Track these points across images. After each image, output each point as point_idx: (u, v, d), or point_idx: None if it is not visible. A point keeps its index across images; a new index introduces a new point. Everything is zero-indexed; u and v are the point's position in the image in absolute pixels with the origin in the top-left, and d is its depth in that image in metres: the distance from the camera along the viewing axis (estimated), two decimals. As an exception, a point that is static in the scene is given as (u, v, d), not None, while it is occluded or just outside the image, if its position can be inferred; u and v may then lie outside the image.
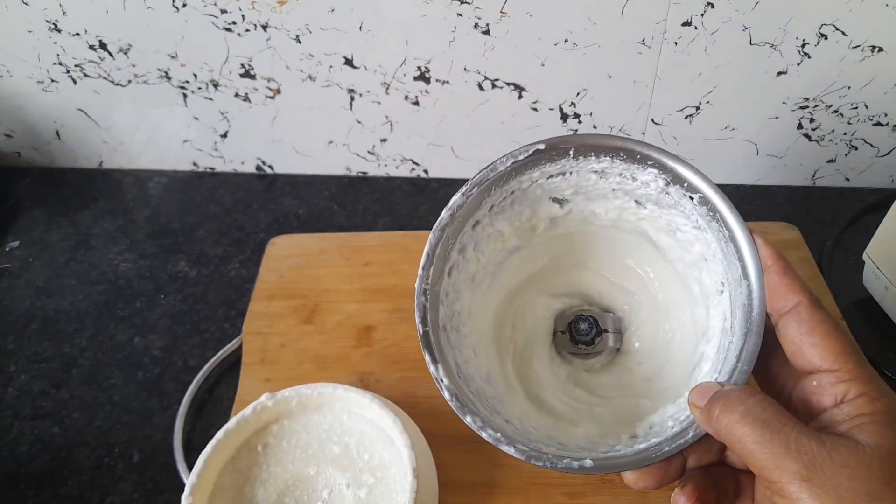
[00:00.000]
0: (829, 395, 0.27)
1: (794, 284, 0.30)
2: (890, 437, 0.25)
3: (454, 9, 0.55)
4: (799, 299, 0.29)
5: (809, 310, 0.29)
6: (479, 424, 0.32)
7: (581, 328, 0.41)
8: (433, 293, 0.35)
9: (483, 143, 0.65)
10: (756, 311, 0.30)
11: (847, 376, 0.27)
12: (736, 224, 0.32)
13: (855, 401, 0.27)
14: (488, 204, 0.38)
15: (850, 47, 0.54)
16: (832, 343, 0.28)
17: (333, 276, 0.58)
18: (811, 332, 0.28)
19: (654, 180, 0.35)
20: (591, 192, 0.39)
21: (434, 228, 0.36)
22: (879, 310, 0.54)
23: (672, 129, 0.62)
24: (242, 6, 0.56)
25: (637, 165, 0.36)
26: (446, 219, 0.36)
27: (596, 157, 0.36)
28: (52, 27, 0.60)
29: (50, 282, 0.61)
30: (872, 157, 0.63)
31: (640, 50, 0.56)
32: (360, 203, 0.67)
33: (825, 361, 0.28)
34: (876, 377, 0.27)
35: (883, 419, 0.26)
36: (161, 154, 0.70)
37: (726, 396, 0.28)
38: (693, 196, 0.34)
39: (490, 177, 0.36)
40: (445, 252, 0.36)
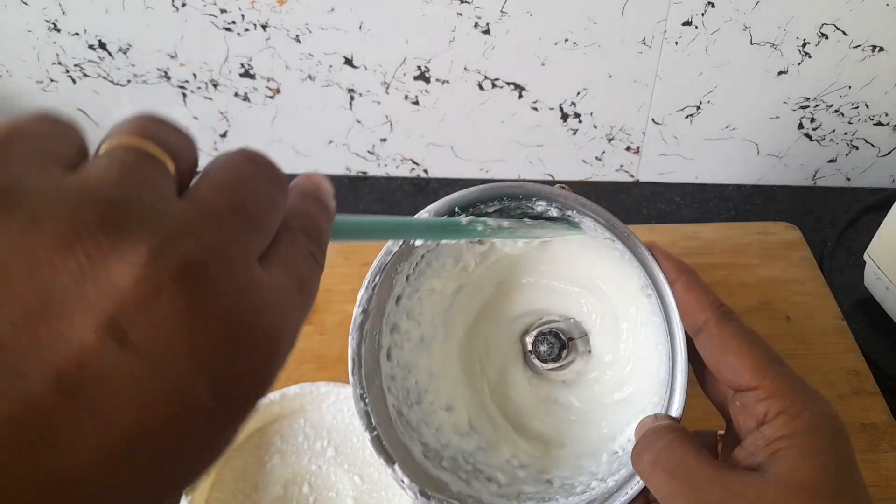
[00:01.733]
0: (752, 415, 0.26)
1: (700, 299, 0.28)
2: (801, 466, 0.24)
3: (454, 8, 0.55)
4: (706, 316, 0.27)
5: (718, 326, 0.27)
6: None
7: (541, 351, 0.40)
8: (372, 392, 0.35)
9: (483, 142, 0.65)
10: (676, 330, 0.29)
11: (766, 392, 0.26)
12: (633, 241, 0.31)
13: (774, 421, 0.25)
14: (402, 277, 0.37)
15: (851, 47, 0.54)
16: (746, 358, 0.26)
17: (333, 276, 0.58)
18: (723, 350, 0.27)
19: (549, 208, 0.35)
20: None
21: (351, 331, 0.35)
22: (880, 310, 0.54)
23: (672, 129, 0.62)
24: (242, 6, 0.56)
25: (526, 201, 0.35)
26: (360, 317, 0.35)
27: (485, 205, 0.35)
28: (51, 27, 0.59)
29: (49, 282, 0.61)
30: (873, 156, 0.63)
31: (641, 49, 0.56)
32: (360, 203, 0.67)
33: (742, 378, 0.26)
34: (801, 388, 0.26)
35: (800, 442, 0.24)
36: (161, 154, 0.70)
37: (645, 442, 0.27)
38: (589, 216, 0.34)
39: (388, 260, 0.36)
40: (374, 345, 0.36)
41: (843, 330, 0.51)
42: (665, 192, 0.66)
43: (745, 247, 0.57)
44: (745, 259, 0.56)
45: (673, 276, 0.29)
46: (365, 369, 0.35)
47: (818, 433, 0.24)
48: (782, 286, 0.54)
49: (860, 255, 0.54)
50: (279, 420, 0.45)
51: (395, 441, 0.35)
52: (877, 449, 0.45)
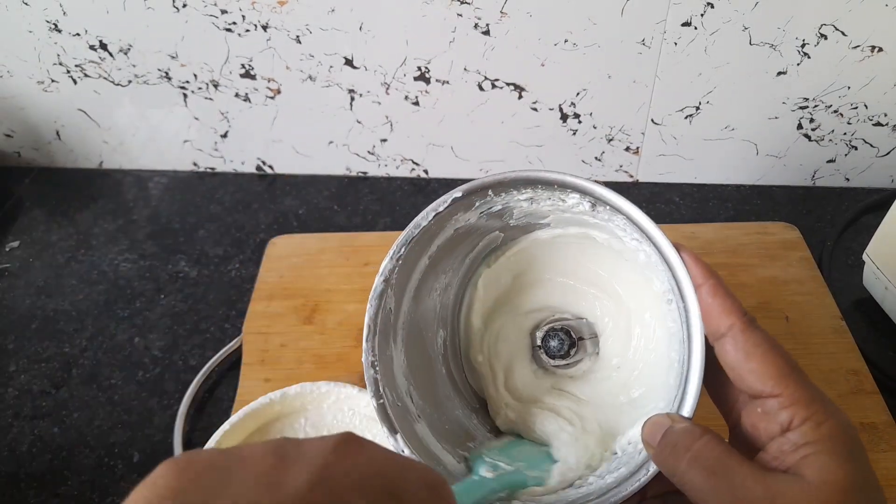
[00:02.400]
0: (775, 422, 0.26)
1: (726, 305, 0.28)
2: (836, 470, 0.24)
3: (454, 9, 0.55)
4: (732, 322, 0.28)
5: (744, 333, 0.27)
6: None
7: (551, 346, 0.40)
8: (384, 362, 0.35)
9: (483, 143, 0.65)
10: (696, 331, 0.29)
11: (790, 400, 0.26)
12: (664, 243, 0.31)
13: (801, 428, 0.26)
14: (426, 257, 0.38)
15: (850, 47, 0.54)
16: (771, 367, 0.27)
17: (333, 276, 0.58)
18: (748, 357, 0.27)
19: (580, 202, 0.35)
20: (533, 213, 0.39)
21: (370, 298, 0.36)
22: (879, 310, 0.54)
23: (672, 129, 0.62)
24: (242, 6, 0.56)
25: (559, 191, 0.35)
26: (381, 286, 0.36)
27: (517, 191, 0.36)
28: (52, 27, 0.60)
29: (50, 282, 0.61)
30: (872, 157, 0.63)
31: (640, 50, 0.56)
32: (361, 203, 0.67)
33: (766, 386, 0.27)
34: (821, 397, 0.26)
35: (829, 447, 0.25)
36: (161, 154, 0.70)
37: (675, 440, 0.27)
38: (617, 216, 0.34)
39: (415, 234, 0.36)
40: (389, 317, 0.36)
41: (843, 330, 0.51)
42: (664, 192, 0.66)
43: (745, 247, 0.57)
44: (745, 259, 0.56)
45: (700, 281, 0.29)
46: (379, 338, 0.35)
47: (843, 440, 0.25)
48: (781, 286, 0.54)
49: (859, 256, 0.54)
50: (280, 419, 0.45)
51: (400, 413, 0.35)
52: (876, 448, 0.45)
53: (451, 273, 0.41)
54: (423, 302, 0.40)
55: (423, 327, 0.40)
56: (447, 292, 0.42)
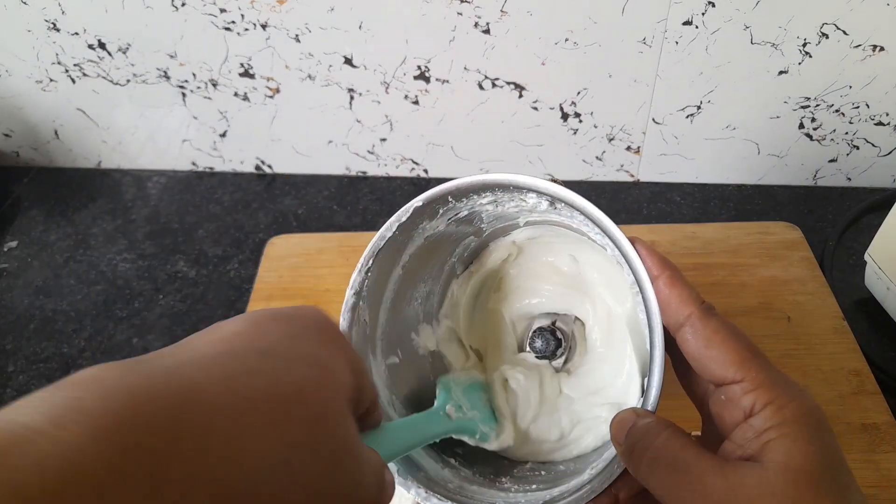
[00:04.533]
0: (738, 408, 0.26)
1: (683, 295, 0.28)
2: (796, 453, 0.24)
3: (454, 8, 0.55)
4: (690, 311, 0.28)
5: (702, 320, 0.27)
6: (423, 496, 0.33)
7: (537, 346, 0.40)
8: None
9: (483, 142, 0.65)
10: (655, 323, 0.29)
11: (752, 385, 0.26)
12: (618, 236, 0.31)
13: (763, 412, 0.25)
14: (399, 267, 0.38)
15: (852, 46, 0.54)
16: (731, 353, 0.26)
17: (333, 276, 0.58)
18: (708, 345, 0.27)
19: (539, 202, 0.35)
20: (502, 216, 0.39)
21: (342, 312, 0.36)
22: (881, 310, 0.54)
23: (673, 129, 0.62)
24: (242, 5, 0.56)
25: (518, 193, 0.35)
26: (352, 299, 0.36)
27: (478, 195, 0.36)
28: (50, 26, 0.59)
29: (48, 282, 0.61)
30: (874, 156, 0.63)
31: (641, 49, 0.56)
32: (360, 203, 0.67)
33: (728, 372, 0.26)
34: (784, 380, 0.26)
35: (792, 430, 0.24)
36: (160, 154, 0.70)
37: (636, 439, 0.27)
38: (574, 212, 0.33)
39: (381, 245, 0.36)
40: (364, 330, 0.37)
41: (844, 330, 0.51)
42: (665, 191, 0.66)
43: (746, 247, 0.57)
44: (746, 259, 0.56)
45: (656, 273, 0.29)
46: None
47: (806, 422, 0.25)
48: (783, 286, 0.54)
49: (861, 255, 0.54)
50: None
51: None
52: (877, 449, 0.45)
53: (430, 281, 0.41)
54: (402, 311, 0.40)
55: (404, 336, 0.40)
56: (429, 300, 0.42)
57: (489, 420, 0.38)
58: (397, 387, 0.38)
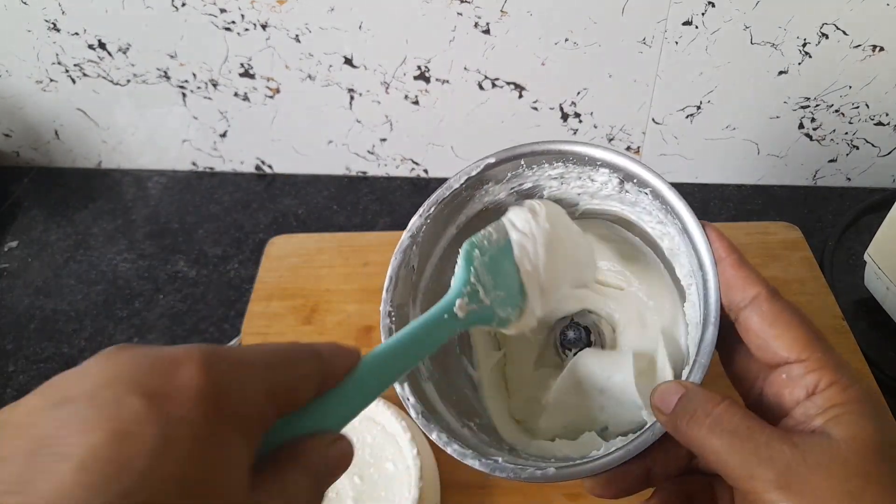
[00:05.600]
0: (801, 386, 0.26)
1: (750, 276, 0.29)
2: (865, 427, 0.24)
3: (454, 8, 0.55)
4: (757, 291, 0.28)
5: (769, 301, 0.28)
6: (443, 440, 0.32)
7: (569, 337, 0.40)
8: (400, 315, 0.35)
9: (483, 142, 0.65)
10: (712, 300, 0.29)
11: (816, 365, 0.26)
12: (688, 216, 0.32)
13: (827, 391, 0.26)
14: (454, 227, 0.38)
15: (851, 47, 0.54)
16: (797, 333, 0.27)
17: (333, 276, 0.58)
18: (774, 324, 0.27)
19: (609, 179, 0.35)
20: (562, 198, 0.39)
21: (395, 251, 0.36)
22: (881, 310, 0.54)
23: (673, 129, 0.62)
24: (242, 5, 0.56)
25: (590, 167, 0.35)
26: (407, 241, 0.36)
27: (549, 165, 0.36)
28: (51, 27, 0.59)
29: (49, 282, 0.61)
30: (874, 156, 0.63)
31: (641, 49, 0.56)
32: (360, 203, 0.67)
33: (792, 352, 0.27)
34: (845, 364, 0.26)
35: (857, 408, 0.25)
36: (160, 154, 0.70)
37: (692, 406, 0.26)
38: (646, 191, 0.34)
39: (446, 195, 0.36)
40: (411, 274, 0.36)
41: (844, 330, 0.51)
42: (665, 191, 0.66)
43: (746, 247, 0.56)
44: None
45: (723, 254, 0.30)
46: (399, 292, 0.35)
47: (869, 402, 0.25)
48: (782, 286, 0.53)
49: (860, 255, 0.54)
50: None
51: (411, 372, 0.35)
52: (877, 449, 0.45)
53: None
54: (445, 275, 0.39)
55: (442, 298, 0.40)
56: None
57: (512, 299, 0.32)
58: None
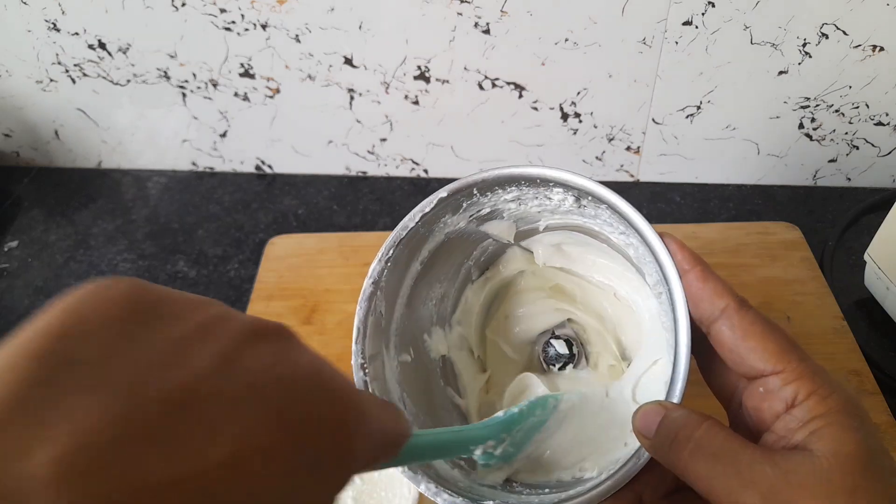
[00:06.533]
0: (779, 399, 0.26)
1: (717, 288, 0.28)
2: (848, 441, 0.24)
3: (454, 8, 0.55)
4: (725, 303, 0.27)
5: (739, 312, 0.27)
6: (433, 491, 0.32)
7: (550, 354, 0.40)
8: (373, 364, 0.35)
9: (483, 142, 0.65)
10: (681, 314, 0.28)
11: (793, 375, 0.26)
12: (646, 229, 0.31)
13: (806, 402, 0.25)
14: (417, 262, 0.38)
15: (852, 47, 0.54)
16: (770, 343, 0.26)
17: (333, 276, 0.58)
18: (745, 336, 0.27)
19: (565, 197, 0.35)
20: (522, 217, 0.39)
21: (359, 301, 0.36)
22: (881, 310, 0.54)
23: (673, 129, 0.62)
24: (242, 5, 0.56)
25: (543, 188, 0.35)
26: (370, 288, 0.36)
27: (503, 190, 0.36)
28: (51, 27, 0.59)
29: (49, 282, 0.61)
30: (874, 156, 0.63)
31: (641, 49, 0.56)
32: (360, 203, 0.67)
33: (767, 363, 0.26)
34: (822, 372, 0.26)
35: (838, 419, 0.24)
36: (160, 154, 0.70)
37: (674, 430, 0.26)
38: (601, 206, 0.34)
39: (403, 235, 0.36)
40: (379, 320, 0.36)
41: (844, 330, 0.51)
42: (665, 192, 0.66)
43: (746, 247, 0.57)
44: (746, 259, 0.56)
45: (687, 267, 0.29)
46: (369, 341, 0.35)
47: (850, 412, 0.25)
48: (783, 286, 0.54)
49: (860, 255, 0.54)
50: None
51: None
52: (877, 449, 0.45)
53: (446, 283, 0.41)
54: (417, 310, 0.39)
55: (417, 336, 0.40)
56: (444, 302, 0.41)
57: (515, 454, 0.34)
58: (409, 384, 0.37)
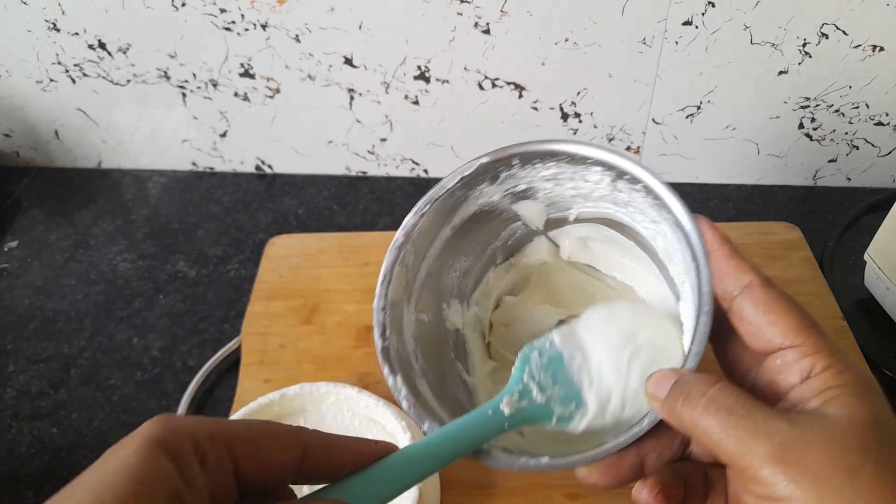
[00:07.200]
0: (795, 371, 0.26)
1: (742, 265, 0.29)
2: (862, 407, 0.24)
3: (454, 8, 0.55)
4: (750, 279, 0.28)
5: (762, 288, 0.28)
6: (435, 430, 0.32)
7: None
8: (395, 310, 0.35)
9: (483, 142, 0.65)
10: (705, 289, 0.29)
11: (811, 349, 0.26)
12: (680, 209, 0.32)
13: (822, 374, 0.26)
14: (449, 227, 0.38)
15: (852, 47, 0.54)
16: (791, 319, 0.27)
17: (333, 276, 0.58)
18: (767, 311, 0.27)
19: (602, 178, 0.36)
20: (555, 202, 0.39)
21: (390, 248, 0.36)
22: (881, 310, 0.54)
23: (673, 129, 0.62)
24: (242, 5, 0.56)
25: (582, 167, 0.36)
26: (401, 238, 0.36)
27: (543, 165, 0.36)
28: (51, 27, 0.59)
29: (49, 282, 0.61)
30: (874, 156, 0.63)
31: (641, 49, 0.56)
32: (360, 203, 0.67)
33: (786, 338, 0.27)
34: (839, 350, 0.26)
35: (852, 390, 0.25)
36: (160, 154, 0.70)
37: (687, 388, 0.26)
38: (638, 188, 0.34)
39: (440, 194, 0.36)
40: (406, 273, 0.36)
41: (844, 330, 0.51)
42: (665, 191, 0.66)
43: (746, 247, 0.56)
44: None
45: (716, 246, 0.30)
46: (393, 288, 0.35)
47: (864, 385, 0.25)
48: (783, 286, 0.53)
49: (860, 255, 0.54)
50: (279, 420, 0.45)
51: (403, 363, 0.34)
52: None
53: (472, 258, 0.41)
54: (441, 277, 0.39)
55: (437, 302, 0.40)
56: (466, 278, 0.42)
57: (571, 398, 0.31)
58: (423, 343, 0.37)
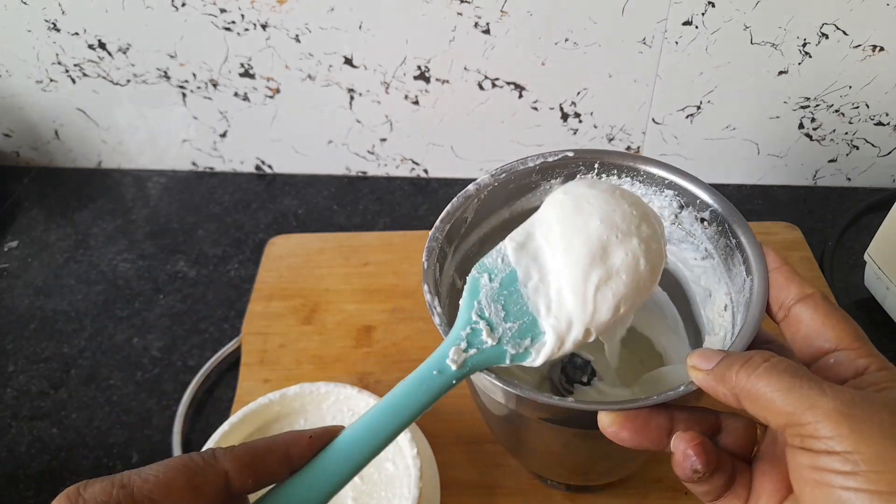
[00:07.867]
0: (849, 368, 0.27)
1: (803, 282, 0.30)
2: None
3: (454, 8, 0.55)
4: (812, 291, 0.30)
5: (824, 300, 0.29)
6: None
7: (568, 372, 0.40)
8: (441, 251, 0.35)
9: (483, 142, 0.65)
10: (760, 289, 0.30)
11: (867, 353, 0.27)
12: (743, 232, 0.33)
13: (877, 373, 0.27)
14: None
15: (852, 47, 0.54)
16: (849, 327, 0.28)
17: (333, 276, 0.58)
18: (828, 316, 0.29)
19: (669, 205, 0.36)
20: None
21: (458, 195, 0.36)
22: (881, 310, 0.54)
23: (673, 129, 0.62)
24: (242, 5, 0.56)
25: (654, 188, 0.37)
26: (472, 189, 0.36)
27: (617, 177, 0.37)
28: (51, 27, 0.59)
29: (49, 282, 0.61)
30: (874, 156, 0.63)
31: (641, 49, 0.56)
32: (360, 203, 0.67)
33: (842, 342, 0.28)
34: (888, 361, 0.28)
35: None
36: (160, 154, 0.70)
37: (744, 356, 0.27)
38: (704, 216, 0.35)
39: (518, 168, 0.37)
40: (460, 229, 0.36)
41: (844, 330, 0.51)
42: (665, 191, 0.66)
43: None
44: (746, 259, 0.56)
45: (777, 264, 0.32)
46: (450, 230, 0.35)
47: None
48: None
49: (861, 256, 0.54)
50: (279, 420, 0.45)
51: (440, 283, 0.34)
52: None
53: None
54: (482, 254, 0.39)
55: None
56: None
57: (528, 331, 0.30)
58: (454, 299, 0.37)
